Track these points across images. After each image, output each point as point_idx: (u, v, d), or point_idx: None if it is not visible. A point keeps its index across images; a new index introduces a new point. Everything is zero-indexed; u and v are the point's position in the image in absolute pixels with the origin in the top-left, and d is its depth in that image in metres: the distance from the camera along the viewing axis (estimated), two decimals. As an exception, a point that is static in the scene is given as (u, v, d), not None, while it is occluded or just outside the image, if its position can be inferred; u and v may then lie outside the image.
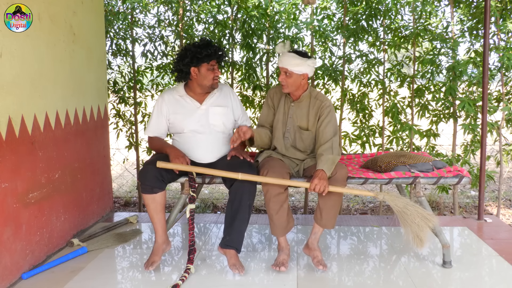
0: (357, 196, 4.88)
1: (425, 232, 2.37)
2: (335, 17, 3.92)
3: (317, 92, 2.70)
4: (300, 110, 2.66)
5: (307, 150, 2.71)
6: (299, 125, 2.67)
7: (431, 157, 2.87)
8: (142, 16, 4.08)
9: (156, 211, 2.51)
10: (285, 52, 2.58)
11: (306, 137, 2.67)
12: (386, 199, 2.44)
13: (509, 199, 4.81)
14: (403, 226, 2.42)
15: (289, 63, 2.53)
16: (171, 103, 2.68)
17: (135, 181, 5.25)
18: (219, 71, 2.67)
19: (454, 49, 3.68)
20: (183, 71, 2.62)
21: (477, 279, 2.46)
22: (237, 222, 2.49)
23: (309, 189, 2.36)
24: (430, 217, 2.39)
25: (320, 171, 2.37)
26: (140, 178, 2.49)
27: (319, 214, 2.50)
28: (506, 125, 3.78)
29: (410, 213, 2.39)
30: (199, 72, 2.60)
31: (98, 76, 3.44)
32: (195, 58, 2.56)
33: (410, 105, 3.91)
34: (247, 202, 2.50)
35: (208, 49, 2.57)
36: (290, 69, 2.53)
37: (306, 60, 2.53)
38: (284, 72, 2.56)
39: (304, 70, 2.55)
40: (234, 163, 2.56)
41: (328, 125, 2.58)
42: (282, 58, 2.57)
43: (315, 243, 2.54)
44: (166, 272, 2.55)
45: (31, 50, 2.51)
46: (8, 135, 2.30)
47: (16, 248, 2.39)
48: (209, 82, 2.62)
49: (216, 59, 2.61)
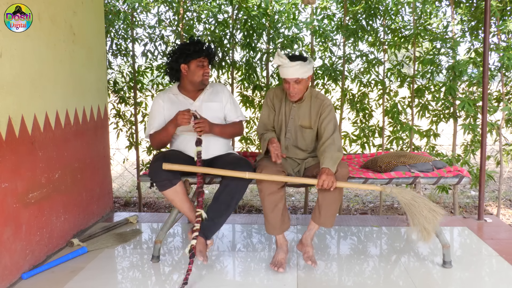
0: (357, 196, 4.88)
1: (432, 225, 2.37)
2: (335, 17, 3.92)
3: (317, 92, 2.72)
4: (301, 110, 2.66)
5: (308, 148, 2.71)
6: (300, 124, 2.67)
7: (431, 157, 2.87)
8: (142, 16, 4.09)
9: (183, 201, 2.55)
10: (286, 63, 2.48)
11: (307, 135, 2.68)
12: (393, 192, 2.44)
13: (509, 199, 4.81)
14: (411, 218, 2.41)
15: (299, 73, 2.49)
16: (166, 101, 2.74)
17: (135, 181, 5.24)
18: (209, 67, 2.73)
19: (454, 49, 3.68)
20: (173, 68, 2.71)
21: (477, 279, 2.46)
22: (222, 217, 2.53)
23: (317, 185, 2.35)
24: (437, 210, 2.39)
25: (325, 168, 2.37)
26: (153, 178, 2.50)
27: (317, 212, 2.50)
28: (506, 125, 3.78)
29: (418, 205, 2.38)
30: (189, 69, 2.68)
31: (98, 76, 3.44)
32: (183, 55, 2.66)
33: (410, 105, 3.91)
34: (237, 199, 2.55)
35: (196, 46, 2.66)
36: (301, 77, 2.52)
37: (309, 62, 2.54)
38: (294, 81, 2.52)
39: (310, 73, 2.56)
40: (233, 160, 2.57)
41: (329, 122, 2.59)
42: (289, 70, 2.48)
43: (309, 239, 2.54)
44: (166, 272, 2.55)
45: (31, 50, 2.51)
46: (8, 135, 2.30)
47: (16, 248, 2.39)
48: (199, 78, 2.68)
49: (205, 56, 2.68)
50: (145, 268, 2.60)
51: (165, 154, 2.58)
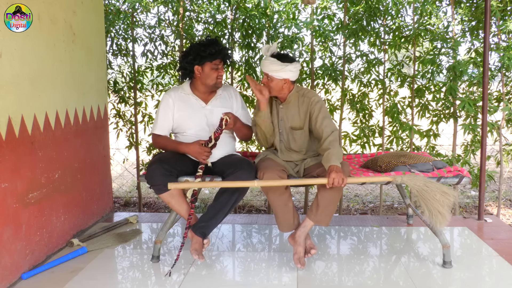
0: (357, 196, 4.88)
1: (447, 207, 2.37)
2: (335, 17, 3.92)
3: (304, 90, 2.66)
4: (289, 110, 2.64)
5: (302, 149, 2.69)
6: (290, 126, 2.65)
7: (431, 157, 2.87)
8: (142, 16, 4.09)
9: (179, 203, 2.54)
10: (267, 57, 2.55)
11: (298, 136, 2.65)
12: (404, 180, 2.44)
13: (509, 199, 4.81)
14: (424, 204, 2.40)
15: (269, 69, 2.52)
16: (177, 100, 2.69)
17: (135, 181, 5.25)
18: (223, 70, 2.66)
19: (454, 49, 3.68)
20: (186, 69, 2.63)
21: (477, 279, 2.45)
22: (221, 216, 2.55)
23: (328, 184, 2.32)
24: (449, 192, 2.39)
25: (333, 166, 2.34)
26: (149, 182, 2.48)
27: (314, 209, 2.49)
28: (506, 125, 3.78)
29: (431, 190, 2.38)
30: (203, 71, 2.60)
31: (98, 76, 3.44)
32: (198, 56, 2.56)
33: (410, 105, 3.91)
34: (238, 200, 2.56)
35: (212, 48, 2.56)
36: (270, 74, 2.52)
37: (287, 65, 2.50)
38: (265, 76, 2.56)
39: (284, 76, 2.52)
40: (235, 162, 2.57)
41: (324, 120, 2.53)
42: (264, 62, 2.55)
43: (302, 237, 2.50)
44: (166, 272, 2.55)
45: (31, 50, 2.51)
46: (8, 135, 2.30)
47: (16, 248, 2.39)
48: (212, 81, 2.62)
49: (220, 58, 2.60)
50: (145, 268, 2.60)
51: (161, 158, 2.56)
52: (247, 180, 2.45)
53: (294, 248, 2.51)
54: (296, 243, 2.51)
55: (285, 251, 2.81)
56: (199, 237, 2.51)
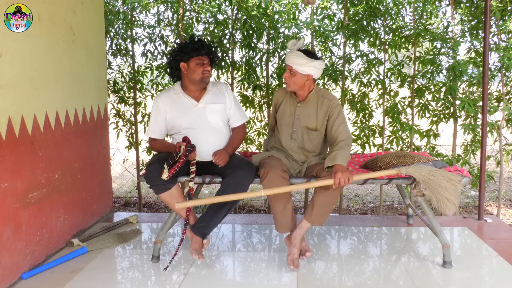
0: (357, 196, 4.88)
1: (454, 193, 2.38)
2: (335, 17, 3.92)
3: (323, 91, 2.68)
4: (307, 110, 2.65)
5: (316, 150, 2.71)
6: (306, 126, 2.65)
7: (431, 157, 2.87)
8: (142, 15, 4.09)
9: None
10: (293, 50, 2.56)
11: (314, 137, 2.67)
12: (409, 172, 2.45)
13: (509, 199, 4.81)
14: (432, 193, 2.41)
15: (294, 62, 2.52)
16: (167, 101, 2.71)
17: (135, 181, 5.24)
18: (209, 66, 2.70)
19: (454, 49, 3.68)
20: (173, 67, 2.70)
21: (477, 279, 2.45)
22: (220, 216, 2.56)
23: (334, 184, 2.31)
24: (454, 177, 2.40)
25: (339, 165, 2.34)
26: (148, 182, 2.50)
27: (310, 210, 2.50)
28: (506, 125, 3.78)
29: (436, 178, 2.39)
30: (188, 67, 2.65)
31: (98, 76, 3.44)
32: (182, 53, 2.64)
33: (410, 105, 3.91)
34: (237, 200, 2.56)
35: (195, 44, 2.64)
36: (295, 67, 2.53)
37: (313, 61, 2.51)
38: (288, 69, 2.56)
39: (309, 71, 2.53)
40: (234, 162, 2.58)
41: (340, 126, 2.57)
42: (289, 55, 2.55)
43: (298, 238, 2.51)
44: (166, 272, 2.55)
45: (31, 50, 2.51)
46: (8, 135, 2.30)
47: (16, 248, 2.39)
48: (198, 76, 2.64)
49: (205, 54, 2.66)
50: (145, 268, 2.60)
51: (160, 158, 2.55)
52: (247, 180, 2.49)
53: (288, 249, 2.52)
54: (291, 245, 2.51)
55: (285, 251, 2.80)
56: (198, 237, 2.52)
